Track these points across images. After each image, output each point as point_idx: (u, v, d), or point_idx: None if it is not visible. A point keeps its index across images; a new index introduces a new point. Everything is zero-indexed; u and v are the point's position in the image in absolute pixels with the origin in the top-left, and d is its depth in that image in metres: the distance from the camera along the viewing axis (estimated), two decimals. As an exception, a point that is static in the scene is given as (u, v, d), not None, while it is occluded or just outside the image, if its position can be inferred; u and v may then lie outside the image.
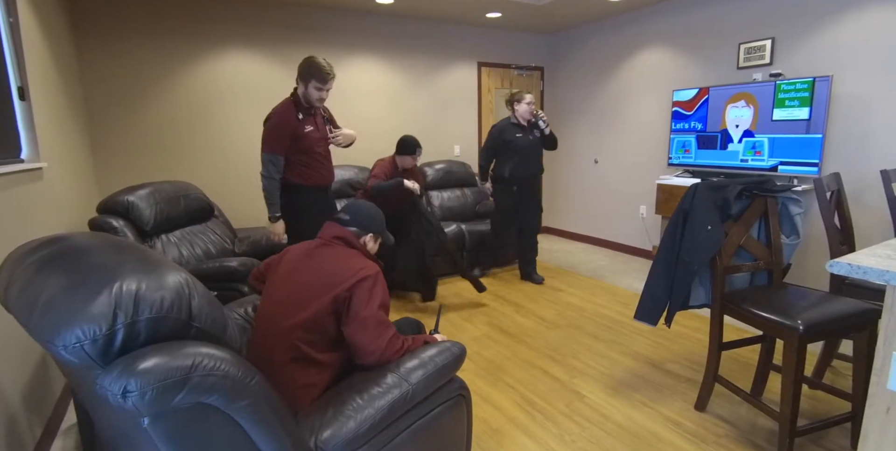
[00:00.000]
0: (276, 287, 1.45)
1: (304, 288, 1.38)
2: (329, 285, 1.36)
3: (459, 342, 1.47)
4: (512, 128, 3.67)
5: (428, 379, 1.32)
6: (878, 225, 3.07)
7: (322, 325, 1.35)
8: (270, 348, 1.34)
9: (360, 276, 1.37)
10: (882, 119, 3.04)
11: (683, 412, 2.09)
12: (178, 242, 2.89)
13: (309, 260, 1.47)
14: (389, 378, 1.28)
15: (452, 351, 1.42)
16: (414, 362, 1.35)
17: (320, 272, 1.41)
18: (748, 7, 3.67)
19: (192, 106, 3.86)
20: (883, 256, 1.37)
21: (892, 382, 1.28)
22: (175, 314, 0.92)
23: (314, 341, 1.35)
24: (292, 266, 1.48)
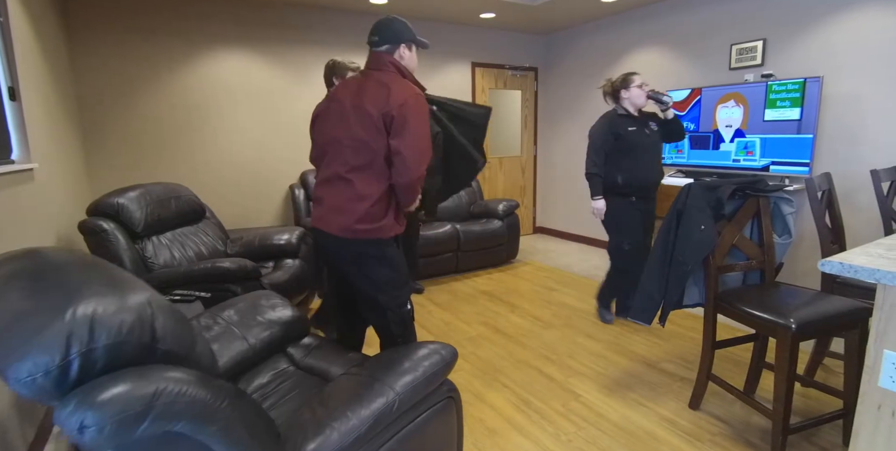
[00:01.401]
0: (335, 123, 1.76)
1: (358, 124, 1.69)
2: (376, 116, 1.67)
3: (450, 345, 1.46)
4: (621, 120, 2.79)
5: (416, 387, 1.29)
6: (869, 224, 3.11)
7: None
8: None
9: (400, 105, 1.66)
10: (872, 120, 3.08)
11: (678, 411, 2.10)
12: (170, 243, 2.87)
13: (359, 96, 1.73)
14: (376, 386, 1.25)
15: (442, 355, 1.40)
16: (401, 366, 1.33)
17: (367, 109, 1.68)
18: (739, 9, 3.70)
19: (186, 106, 3.84)
20: (874, 254, 1.38)
21: (884, 379, 1.30)
22: (136, 338, 0.87)
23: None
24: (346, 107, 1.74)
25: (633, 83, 2.78)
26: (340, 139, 1.74)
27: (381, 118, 1.67)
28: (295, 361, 1.86)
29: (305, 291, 3.11)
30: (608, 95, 2.91)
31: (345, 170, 1.73)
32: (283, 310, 1.97)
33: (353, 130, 1.71)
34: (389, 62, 1.77)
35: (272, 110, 4.16)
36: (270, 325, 1.88)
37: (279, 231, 3.27)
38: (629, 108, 2.83)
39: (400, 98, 1.66)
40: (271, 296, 2.06)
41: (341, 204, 1.74)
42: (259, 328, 1.85)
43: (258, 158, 4.16)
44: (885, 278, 1.24)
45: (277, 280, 2.83)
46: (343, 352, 1.89)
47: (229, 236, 3.41)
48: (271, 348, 1.85)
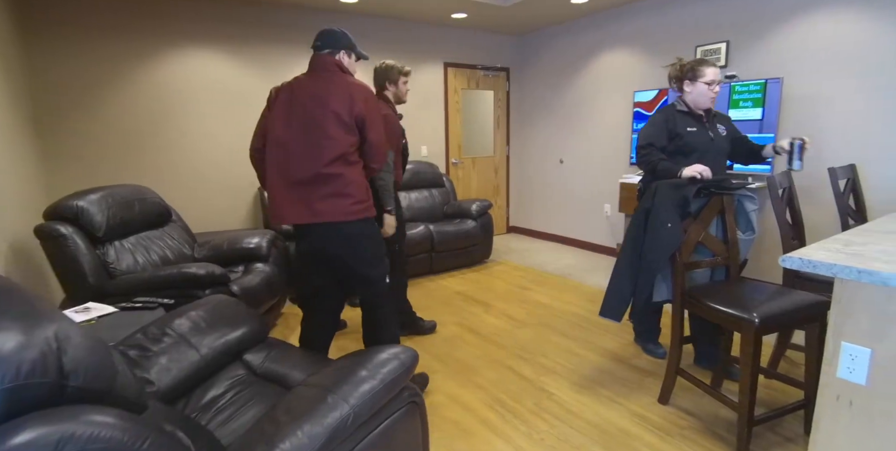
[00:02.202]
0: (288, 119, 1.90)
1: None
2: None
3: (410, 348, 1.42)
4: (681, 117, 2.35)
5: (374, 397, 1.23)
6: (827, 220, 3.22)
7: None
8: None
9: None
10: (830, 119, 3.19)
11: (649, 406, 2.13)
12: (133, 248, 2.78)
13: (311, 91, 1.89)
14: (329, 399, 1.18)
15: (401, 360, 1.34)
16: (357, 375, 1.27)
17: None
18: (704, 12, 3.79)
19: (152, 107, 3.72)
20: (832, 250, 1.43)
21: (842, 370, 1.34)
22: (39, 378, 0.79)
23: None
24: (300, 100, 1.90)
25: (702, 76, 2.27)
26: (317, 140, 1.87)
27: (353, 120, 1.89)
28: (252, 368, 1.78)
29: (277, 295, 3.05)
30: (673, 80, 2.40)
31: (323, 165, 1.87)
32: (240, 316, 1.90)
33: (328, 131, 1.86)
34: (333, 63, 1.98)
35: (241, 110, 4.07)
36: (225, 332, 1.79)
37: (249, 234, 3.20)
38: (692, 105, 2.35)
39: (361, 101, 1.90)
40: (227, 301, 1.98)
41: (335, 192, 1.89)
42: (213, 337, 1.75)
43: (227, 160, 4.07)
44: (842, 273, 1.28)
45: (248, 285, 2.76)
46: (304, 355, 1.83)
47: (197, 239, 3.32)
48: (226, 357, 1.76)
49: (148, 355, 1.63)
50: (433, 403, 2.20)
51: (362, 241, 2.00)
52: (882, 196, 2.98)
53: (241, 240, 3.14)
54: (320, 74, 1.95)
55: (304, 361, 1.78)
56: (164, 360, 1.63)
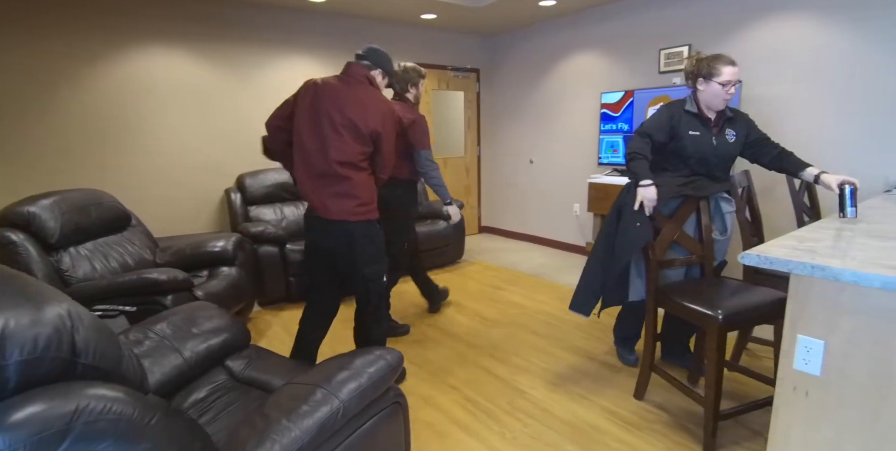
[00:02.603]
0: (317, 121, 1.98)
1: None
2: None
3: (395, 350, 1.44)
4: (687, 119, 2.18)
5: (361, 394, 1.26)
6: (784, 217, 3.35)
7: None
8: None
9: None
10: (787, 121, 3.32)
11: (620, 402, 2.17)
12: (90, 255, 2.67)
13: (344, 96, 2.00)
14: (319, 394, 1.20)
15: (388, 360, 1.38)
16: (345, 373, 1.30)
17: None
18: (667, 16, 3.89)
19: (107, 106, 3.58)
20: (787, 247, 1.48)
21: (798, 362, 1.39)
22: (54, 353, 0.82)
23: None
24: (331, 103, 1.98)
25: (717, 75, 2.06)
26: (328, 142, 1.98)
27: (369, 133, 2.01)
28: (234, 373, 1.77)
29: (244, 300, 2.98)
30: (689, 76, 2.19)
31: (331, 165, 1.98)
32: (221, 321, 1.88)
33: (343, 139, 1.98)
34: (365, 75, 2.07)
35: (206, 110, 3.96)
36: (207, 337, 1.79)
37: (214, 238, 3.12)
38: (703, 106, 2.17)
39: (381, 118, 2.03)
40: (207, 307, 1.96)
41: (344, 192, 2.01)
42: (195, 341, 1.75)
43: (192, 162, 3.95)
44: (797, 269, 1.33)
45: (212, 290, 2.69)
46: (285, 362, 1.83)
47: (159, 244, 3.22)
48: (209, 362, 1.76)
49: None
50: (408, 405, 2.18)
51: (362, 241, 2.07)
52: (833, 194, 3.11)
53: (205, 244, 3.05)
54: (349, 81, 2.04)
55: (285, 367, 1.77)
56: (147, 362, 1.62)
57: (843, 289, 1.27)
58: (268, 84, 4.22)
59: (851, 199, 1.80)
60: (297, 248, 3.52)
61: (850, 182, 1.85)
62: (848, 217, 1.81)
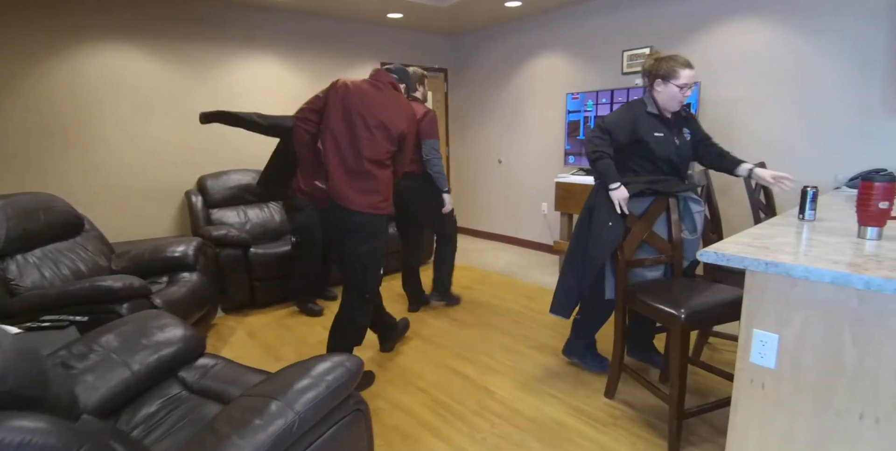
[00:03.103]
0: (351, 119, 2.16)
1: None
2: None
3: (356, 356, 1.40)
4: (649, 121, 2.18)
5: (319, 404, 1.21)
6: (742, 215, 3.46)
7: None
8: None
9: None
10: (743, 122, 3.43)
11: (587, 400, 2.19)
12: (39, 262, 2.54)
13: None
14: (273, 406, 1.15)
15: (347, 367, 1.33)
16: (303, 382, 1.25)
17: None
18: (630, 18, 3.97)
19: (57, 107, 3.41)
20: (743, 243, 1.52)
21: (754, 355, 1.43)
22: None
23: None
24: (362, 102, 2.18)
25: (675, 78, 2.08)
26: (362, 141, 2.16)
27: (397, 133, 2.20)
28: (188, 385, 1.71)
29: (206, 306, 2.89)
30: (645, 75, 2.21)
31: (361, 163, 2.17)
32: (174, 330, 1.81)
33: (374, 138, 2.17)
34: (391, 81, 2.27)
35: (163, 110, 3.83)
36: (159, 347, 1.72)
37: (173, 242, 3.01)
38: (659, 104, 2.18)
39: (407, 121, 2.24)
40: (160, 316, 1.88)
41: (372, 188, 2.20)
42: (145, 353, 1.68)
43: (150, 163, 3.82)
44: (752, 265, 1.36)
45: (172, 297, 2.60)
46: (242, 369, 1.77)
47: (115, 250, 3.09)
48: (160, 374, 1.70)
49: (73, 373, 1.54)
50: (374, 409, 2.16)
51: (370, 231, 2.25)
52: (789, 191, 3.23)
53: (164, 249, 2.95)
54: (378, 85, 2.24)
55: (243, 376, 1.71)
56: (90, 377, 1.54)
57: (794, 284, 1.31)
58: (228, 83, 4.11)
59: (812, 202, 1.86)
60: (261, 251, 3.44)
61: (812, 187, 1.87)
62: (808, 220, 1.87)
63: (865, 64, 2.88)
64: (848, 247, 1.43)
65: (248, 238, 3.40)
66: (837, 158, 3.06)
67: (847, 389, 1.25)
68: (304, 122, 2.28)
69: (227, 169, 4.09)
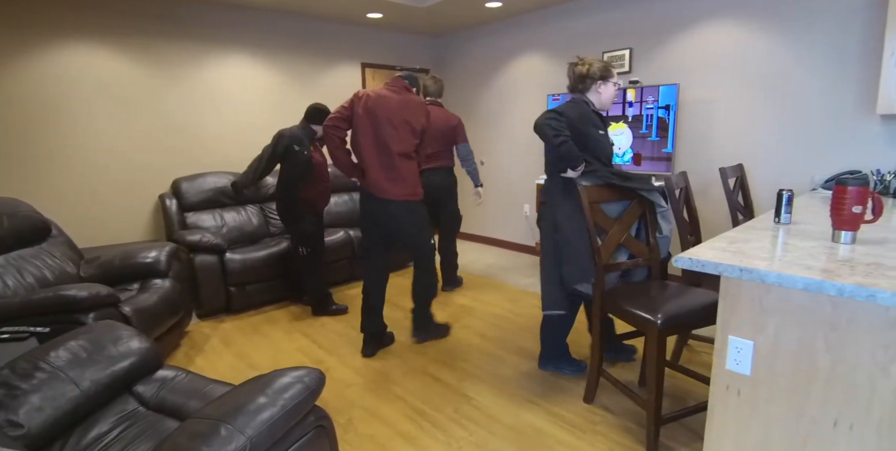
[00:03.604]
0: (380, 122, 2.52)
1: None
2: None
3: (316, 369, 1.34)
4: (594, 119, 2.24)
5: (273, 425, 1.15)
6: (720, 216, 3.47)
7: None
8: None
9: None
10: (720, 122, 3.45)
11: (566, 405, 2.17)
12: (2, 270, 2.44)
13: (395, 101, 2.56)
14: (222, 431, 1.09)
15: (305, 383, 1.27)
16: (258, 401, 1.19)
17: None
18: (609, 19, 3.97)
19: (22, 107, 3.29)
20: (718, 248, 1.50)
21: (730, 362, 1.41)
22: None
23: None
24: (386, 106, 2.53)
25: (612, 77, 2.20)
26: (391, 139, 2.52)
27: (420, 129, 2.59)
28: (145, 400, 1.63)
29: (179, 312, 2.81)
30: (582, 79, 2.22)
31: (392, 157, 2.53)
32: (129, 342, 1.73)
33: (400, 134, 2.53)
34: (406, 86, 2.63)
35: (135, 111, 3.73)
36: (112, 362, 1.63)
37: (145, 248, 2.93)
38: (597, 105, 2.26)
39: (425, 117, 2.61)
40: (114, 327, 1.80)
41: (404, 178, 2.56)
42: (96, 368, 1.59)
43: (121, 166, 3.71)
44: (727, 271, 1.35)
45: (142, 305, 2.52)
46: (202, 381, 1.69)
47: (84, 255, 2.99)
48: (114, 390, 1.61)
49: (16, 394, 1.45)
50: (350, 418, 2.11)
51: (409, 215, 2.62)
52: (766, 193, 3.26)
53: (136, 254, 2.86)
54: (396, 90, 2.59)
55: (204, 389, 1.64)
56: (35, 398, 1.45)
57: (768, 290, 1.30)
58: (203, 84, 4.02)
59: (787, 205, 1.86)
60: (237, 257, 3.36)
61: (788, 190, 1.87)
62: (782, 222, 1.87)
63: (840, 67, 2.91)
64: (822, 252, 1.42)
65: (223, 243, 3.32)
66: (814, 160, 3.09)
67: (821, 395, 1.24)
68: (334, 129, 2.58)
69: (202, 172, 4.00)
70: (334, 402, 2.24)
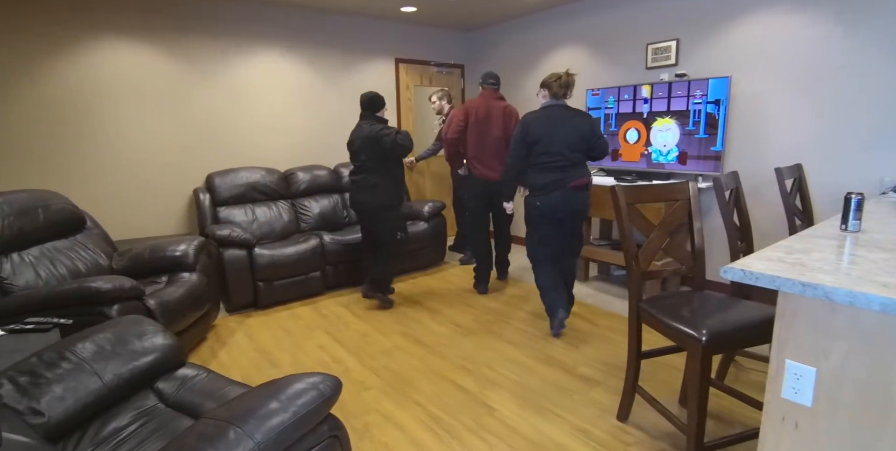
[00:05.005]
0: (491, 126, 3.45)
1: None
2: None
3: (332, 377, 1.27)
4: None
5: (284, 431, 1.09)
6: (773, 220, 3.20)
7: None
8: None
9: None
10: (774, 118, 3.17)
11: (594, 420, 2.02)
12: (36, 261, 2.49)
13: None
14: (231, 434, 1.04)
15: (320, 391, 1.20)
16: (270, 406, 1.13)
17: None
18: (654, 9, 3.73)
19: (62, 103, 3.37)
20: (773, 259, 1.33)
21: (786, 390, 1.24)
22: None
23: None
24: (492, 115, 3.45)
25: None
26: (496, 137, 3.45)
27: (511, 129, 3.38)
28: (164, 397, 1.62)
29: (205, 306, 2.81)
30: (571, 87, 2.82)
31: (499, 153, 3.44)
32: (154, 338, 1.72)
33: (503, 138, 3.42)
34: (501, 96, 3.53)
35: (171, 106, 3.77)
36: (135, 357, 1.63)
37: (175, 241, 2.95)
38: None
39: (513, 122, 3.46)
40: (140, 322, 1.79)
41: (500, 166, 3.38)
42: (119, 362, 1.59)
43: (157, 160, 3.76)
44: (785, 286, 1.17)
45: (169, 297, 2.52)
46: (222, 381, 1.66)
47: (118, 248, 3.04)
48: (136, 384, 1.60)
49: (39, 382, 1.46)
50: (365, 423, 2.03)
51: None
52: (827, 196, 2.98)
53: (165, 248, 2.88)
54: (498, 101, 3.47)
55: (222, 390, 1.60)
56: (58, 388, 1.45)
57: (835, 310, 1.12)
58: (237, 80, 4.04)
59: (857, 211, 1.63)
60: (265, 252, 3.35)
61: (858, 193, 1.66)
62: (850, 230, 1.65)
63: (918, 56, 2.61)
64: (899, 266, 1.22)
65: (251, 238, 3.32)
66: (883, 161, 2.78)
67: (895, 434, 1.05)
68: (456, 141, 3.50)
69: (235, 167, 4.02)
70: (351, 405, 2.17)
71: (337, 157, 4.66)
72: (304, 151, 4.48)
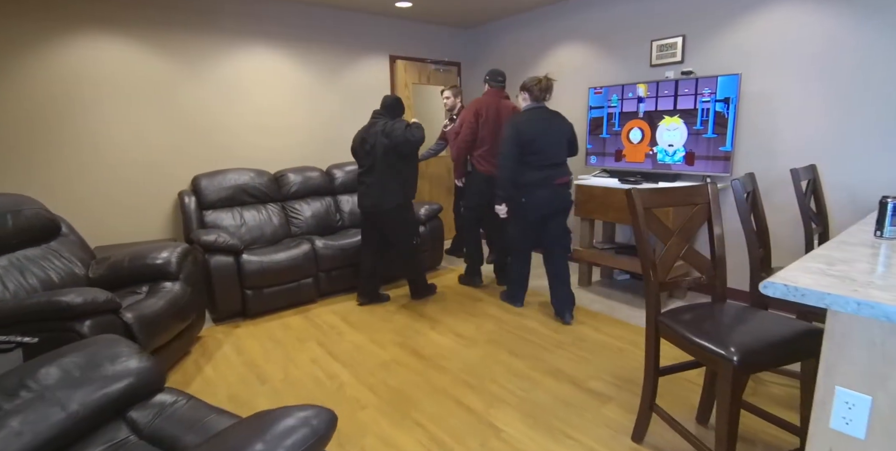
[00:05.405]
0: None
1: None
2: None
3: (326, 410, 1.11)
4: None
5: None
6: (787, 224, 3.08)
7: None
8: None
9: None
10: (786, 118, 3.05)
11: (608, 442, 1.87)
12: (3, 272, 2.31)
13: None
14: None
15: (313, 427, 1.05)
16: (256, 446, 0.98)
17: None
18: (659, 5, 3.60)
19: (35, 101, 3.19)
20: (816, 271, 1.19)
21: (835, 420, 1.10)
22: None
23: None
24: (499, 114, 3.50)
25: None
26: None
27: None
28: (138, 428, 1.45)
29: (189, 317, 2.64)
30: (551, 91, 3.07)
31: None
32: (128, 362, 1.55)
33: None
34: (506, 95, 3.57)
35: (155, 104, 3.60)
36: (107, 383, 1.47)
37: (157, 248, 2.78)
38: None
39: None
40: (115, 343, 1.62)
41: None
42: (88, 389, 1.42)
43: (140, 161, 3.58)
44: (837, 304, 1.04)
45: (148, 310, 2.35)
46: (206, 411, 1.50)
47: (95, 255, 2.86)
48: (106, 414, 1.44)
49: None
50: (363, 448, 1.87)
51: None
52: (841, 199, 2.86)
53: (146, 255, 2.71)
54: (505, 101, 3.53)
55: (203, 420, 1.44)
56: (15, 422, 1.28)
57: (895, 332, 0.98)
58: (227, 77, 3.87)
59: (893, 216, 1.49)
60: (254, 259, 3.18)
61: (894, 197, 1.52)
62: (886, 237, 1.51)
63: (939, 51, 2.49)
64: (964, 280, 1.09)
65: (239, 244, 3.15)
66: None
67: (974, 479, 0.92)
68: (470, 146, 3.51)
69: (223, 168, 3.85)
70: (345, 427, 2.01)
71: (331, 158, 4.50)
72: (297, 151, 4.32)
